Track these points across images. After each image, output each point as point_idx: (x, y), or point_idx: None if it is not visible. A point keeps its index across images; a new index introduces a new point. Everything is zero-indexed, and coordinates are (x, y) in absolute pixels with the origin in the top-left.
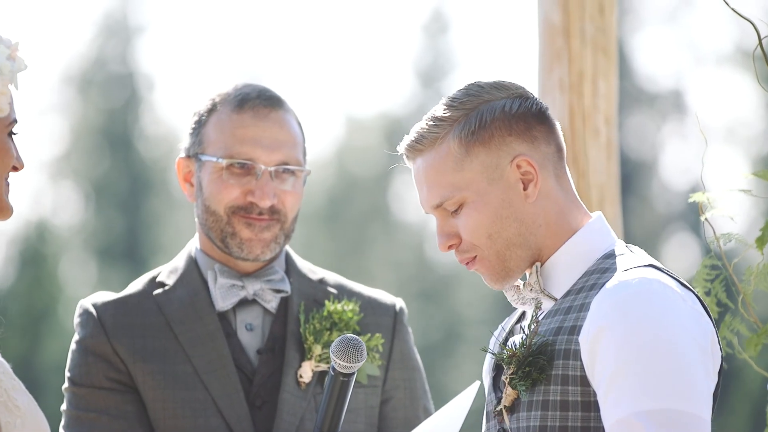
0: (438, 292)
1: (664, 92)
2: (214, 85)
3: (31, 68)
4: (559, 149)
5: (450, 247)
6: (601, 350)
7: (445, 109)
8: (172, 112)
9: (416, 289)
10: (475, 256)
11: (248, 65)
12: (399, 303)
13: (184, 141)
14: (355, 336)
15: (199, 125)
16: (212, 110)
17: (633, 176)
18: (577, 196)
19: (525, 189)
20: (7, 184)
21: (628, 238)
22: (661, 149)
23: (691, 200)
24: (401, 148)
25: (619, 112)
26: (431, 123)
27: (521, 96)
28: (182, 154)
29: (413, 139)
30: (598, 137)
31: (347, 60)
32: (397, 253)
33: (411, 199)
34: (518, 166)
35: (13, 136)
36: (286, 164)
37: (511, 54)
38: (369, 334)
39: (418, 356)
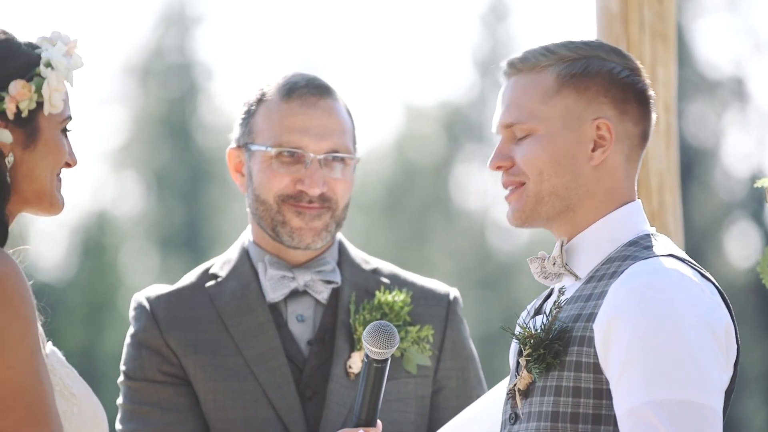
0: (498, 281)
1: (725, 79)
2: (272, 74)
3: (93, 59)
4: (644, 137)
5: (499, 167)
6: (614, 338)
7: (559, 46)
8: (230, 102)
9: (476, 278)
10: (521, 184)
11: (306, 54)
12: (453, 292)
13: (234, 131)
14: (386, 322)
15: (249, 115)
16: (261, 100)
17: (694, 164)
18: (635, 188)
19: (593, 151)
20: (59, 180)
21: (689, 226)
22: (722, 136)
23: (756, 185)
24: (503, 63)
25: (679, 100)
26: (541, 51)
27: (634, 70)
28: (233, 145)
29: (518, 57)
30: (658, 124)
31: (406, 49)
32: (457, 242)
33: (472, 187)
34: (597, 128)
35: (67, 132)
36: (336, 152)
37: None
38: (419, 325)
39: (472, 346)
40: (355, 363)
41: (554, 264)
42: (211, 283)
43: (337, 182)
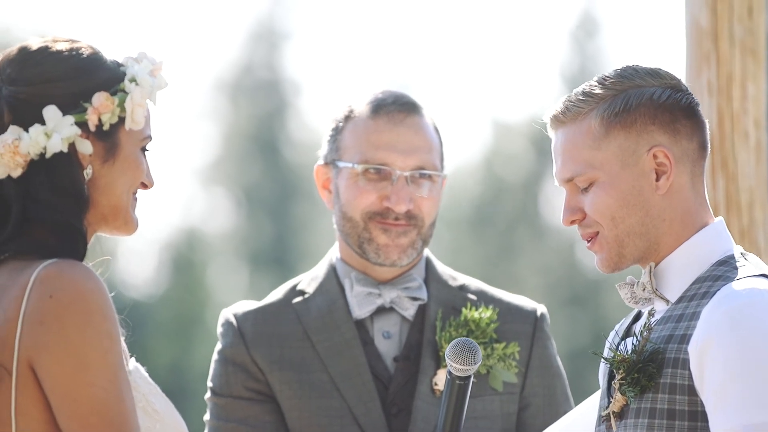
0: (587, 298)
1: None
2: (360, 91)
3: (185, 76)
4: (703, 147)
5: (573, 222)
6: (709, 361)
7: (594, 86)
8: (318, 118)
9: (565, 295)
10: (597, 233)
11: (395, 71)
12: (540, 309)
13: (322, 148)
14: (469, 339)
15: (336, 132)
16: (349, 117)
17: None
18: (707, 199)
19: (657, 180)
20: (135, 199)
21: None
22: None
23: None
24: (546, 117)
25: None
26: (579, 97)
27: (674, 87)
28: (320, 162)
29: (558, 110)
30: (748, 140)
31: (495, 65)
32: (546, 258)
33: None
34: (654, 156)
35: (146, 152)
36: (422, 169)
37: (658, 57)
38: (504, 342)
39: (559, 362)
40: (441, 380)
41: (644, 289)
42: (298, 299)
43: (423, 200)
